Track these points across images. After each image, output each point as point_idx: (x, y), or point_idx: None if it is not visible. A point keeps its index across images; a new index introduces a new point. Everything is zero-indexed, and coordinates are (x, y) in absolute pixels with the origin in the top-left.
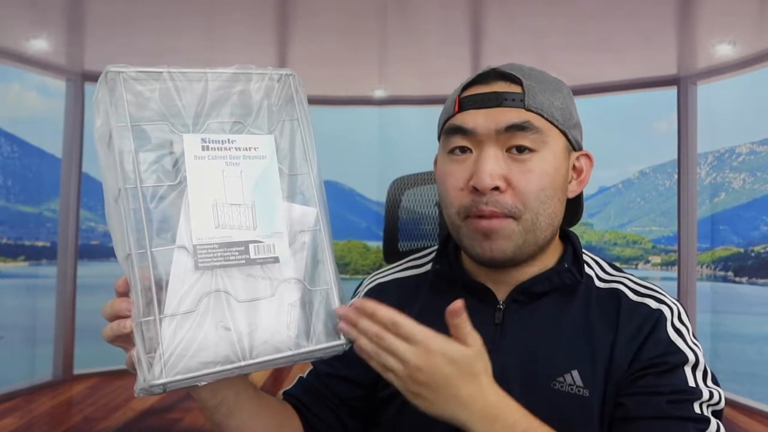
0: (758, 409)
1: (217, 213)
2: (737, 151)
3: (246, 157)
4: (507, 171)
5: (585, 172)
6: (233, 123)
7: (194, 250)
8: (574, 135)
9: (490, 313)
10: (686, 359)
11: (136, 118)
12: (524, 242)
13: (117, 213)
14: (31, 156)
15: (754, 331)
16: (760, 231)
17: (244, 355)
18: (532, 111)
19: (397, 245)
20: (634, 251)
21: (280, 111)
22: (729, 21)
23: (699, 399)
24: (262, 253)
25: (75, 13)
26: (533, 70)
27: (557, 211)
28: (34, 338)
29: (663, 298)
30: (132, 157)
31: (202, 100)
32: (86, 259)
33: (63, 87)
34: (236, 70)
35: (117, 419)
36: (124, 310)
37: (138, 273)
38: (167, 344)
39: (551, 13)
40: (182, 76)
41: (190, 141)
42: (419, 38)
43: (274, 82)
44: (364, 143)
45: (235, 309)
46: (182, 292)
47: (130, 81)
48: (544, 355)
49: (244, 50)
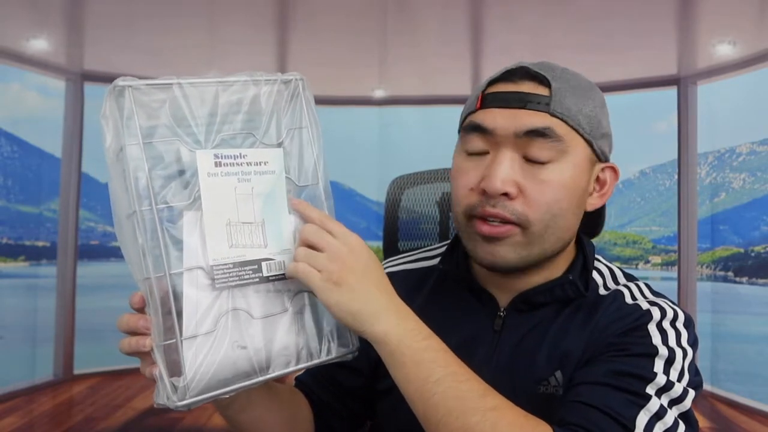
0: (758, 409)
1: (231, 232)
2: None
3: (257, 172)
4: (521, 178)
5: (609, 185)
6: (245, 135)
7: (211, 270)
8: (600, 145)
9: (490, 318)
10: (656, 352)
11: (146, 133)
12: (528, 254)
13: (130, 231)
14: (31, 156)
15: (754, 331)
16: (760, 231)
17: (261, 369)
18: (557, 116)
19: (397, 245)
20: (634, 251)
21: (290, 118)
22: (729, 21)
23: (654, 382)
24: (274, 270)
25: (75, 13)
26: (566, 72)
27: (570, 224)
28: (34, 338)
29: (662, 303)
30: (145, 176)
31: (213, 111)
32: (86, 259)
33: (63, 87)
34: (245, 78)
35: (117, 419)
36: (142, 328)
37: (158, 296)
38: (189, 366)
39: (551, 12)
40: (191, 87)
41: (203, 157)
42: (419, 38)
43: (283, 88)
44: (364, 143)
45: (251, 326)
46: (200, 313)
47: (138, 94)
48: (534, 359)
49: (244, 50)
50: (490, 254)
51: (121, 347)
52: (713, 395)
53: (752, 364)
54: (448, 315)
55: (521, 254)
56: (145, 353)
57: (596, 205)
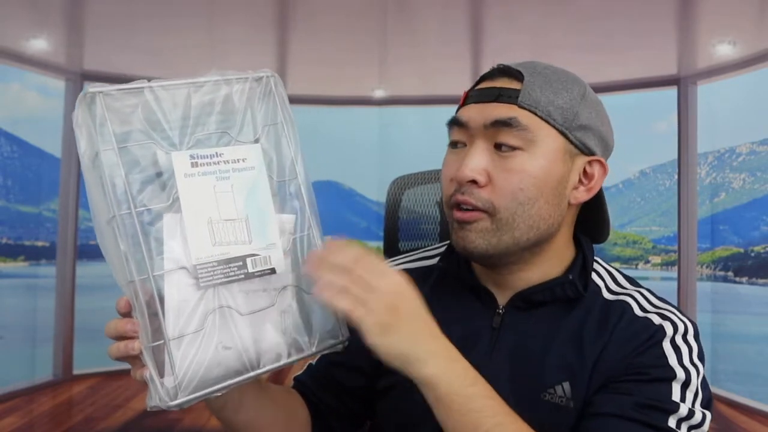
0: (758, 409)
1: (213, 230)
2: (737, 151)
3: (235, 170)
4: (491, 167)
5: (597, 179)
6: (220, 134)
7: (195, 269)
8: (579, 138)
9: (489, 316)
10: (674, 375)
11: (121, 138)
12: (498, 241)
13: (111, 236)
14: (31, 156)
15: (754, 331)
16: (760, 231)
17: (252, 365)
18: (524, 107)
19: (397, 245)
20: (635, 251)
21: (264, 115)
22: (729, 21)
23: (676, 414)
24: (259, 266)
25: (75, 13)
26: (547, 69)
27: (543, 214)
28: (33, 338)
29: (670, 315)
30: (122, 181)
31: (186, 113)
32: (85, 259)
33: (62, 87)
34: (216, 77)
35: (117, 419)
36: (130, 332)
37: (143, 298)
38: (179, 366)
39: (551, 12)
40: (163, 89)
41: (179, 159)
42: (419, 38)
43: (255, 85)
44: (364, 143)
45: (239, 322)
46: (187, 312)
47: (110, 100)
48: (538, 364)
49: (244, 50)
50: (462, 239)
51: (111, 352)
52: (713, 395)
53: (752, 363)
54: (447, 313)
55: (491, 241)
56: (135, 357)
57: (582, 198)
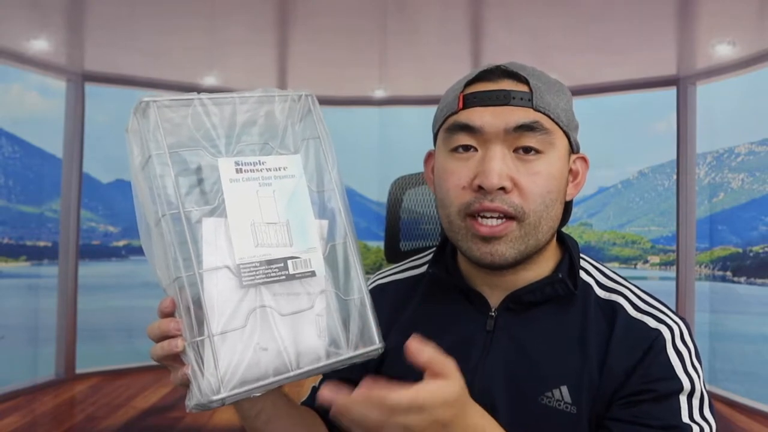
0: (757, 408)
1: (256, 232)
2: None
3: (277, 177)
4: (514, 172)
5: (581, 174)
6: (262, 145)
7: (238, 269)
8: (574, 137)
9: (482, 319)
10: (681, 387)
11: (171, 144)
12: (525, 247)
13: (159, 238)
14: (32, 156)
15: (753, 331)
16: (758, 231)
17: (292, 365)
18: (540, 111)
19: (398, 245)
20: (633, 251)
21: (303, 130)
22: (729, 21)
23: None
24: (300, 268)
25: (75, 13)
26: (535, 70)
27: (558, 214)
28: (36, 338)
29: (663, 317)
30: (172, 182)
31: (231, 124)
32: (87, 259)
33: (63, 87)
34: (261, 93)
35: (119, 418)
36: (173, 330)
37: (189, 294)
38: (222, 361)
39: (551, 13)
40: (211, 101)
41: (224, 165)
42: (419, 38)
43: (295, 103)
44: (364, 143)
45: (279, 323)
46: (230, 310)
47: (163, 109)
48: (534, 367)
49: (244, 51)
50: (489, 254)
51: (153, 353)
52: (711, 395)
53: (750, 363)
54: (439, 318)
55: (519, 249)
56: (176, 357)
57: (573, 195)
